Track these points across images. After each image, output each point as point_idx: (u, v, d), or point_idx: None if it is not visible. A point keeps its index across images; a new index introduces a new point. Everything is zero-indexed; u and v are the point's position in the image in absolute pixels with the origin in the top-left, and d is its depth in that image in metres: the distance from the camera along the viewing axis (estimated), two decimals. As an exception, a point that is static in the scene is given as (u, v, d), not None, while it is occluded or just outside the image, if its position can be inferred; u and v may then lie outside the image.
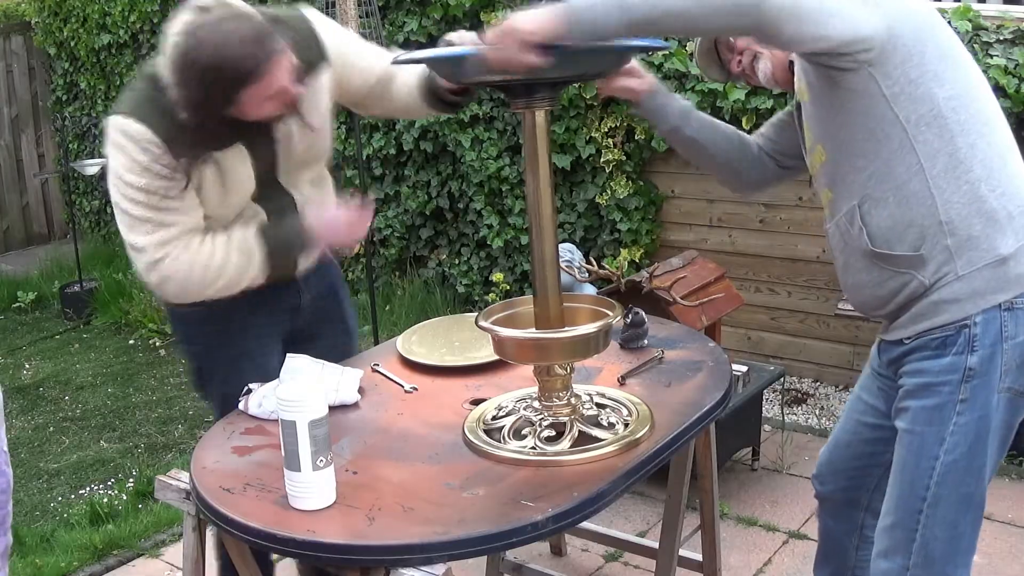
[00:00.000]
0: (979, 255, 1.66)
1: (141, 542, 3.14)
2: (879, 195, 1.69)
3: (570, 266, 3.23)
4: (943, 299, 1.68)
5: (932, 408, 1.71)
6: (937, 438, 1.71)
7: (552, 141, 2.09)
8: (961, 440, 1.69)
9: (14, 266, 6.72)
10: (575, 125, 4.32)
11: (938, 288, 1.68)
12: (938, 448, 1.70)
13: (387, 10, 4.76)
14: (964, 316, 1.67)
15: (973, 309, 1.66)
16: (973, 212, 1.65)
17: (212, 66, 1.79)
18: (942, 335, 1.69)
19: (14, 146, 7.20)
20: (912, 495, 1.74)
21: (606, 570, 2.87)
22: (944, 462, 1.70)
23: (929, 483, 1.72)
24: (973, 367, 1.67)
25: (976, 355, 1.67)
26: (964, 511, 1.74)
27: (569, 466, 1.65)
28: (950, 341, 1.68)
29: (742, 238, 4.12)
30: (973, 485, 1.73)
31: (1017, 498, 3.16)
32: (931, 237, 1.67)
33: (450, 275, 4.97)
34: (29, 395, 4.61)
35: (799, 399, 3.97)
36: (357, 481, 1.64)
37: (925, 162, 1.65)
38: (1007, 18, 3.45)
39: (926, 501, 1.72)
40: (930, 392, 1.71)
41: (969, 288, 1.66)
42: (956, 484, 1.72)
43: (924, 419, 1.72)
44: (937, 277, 1.68)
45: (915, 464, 1.74)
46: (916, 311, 1.72)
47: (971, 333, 1.67)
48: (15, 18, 7.17)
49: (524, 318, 1.80)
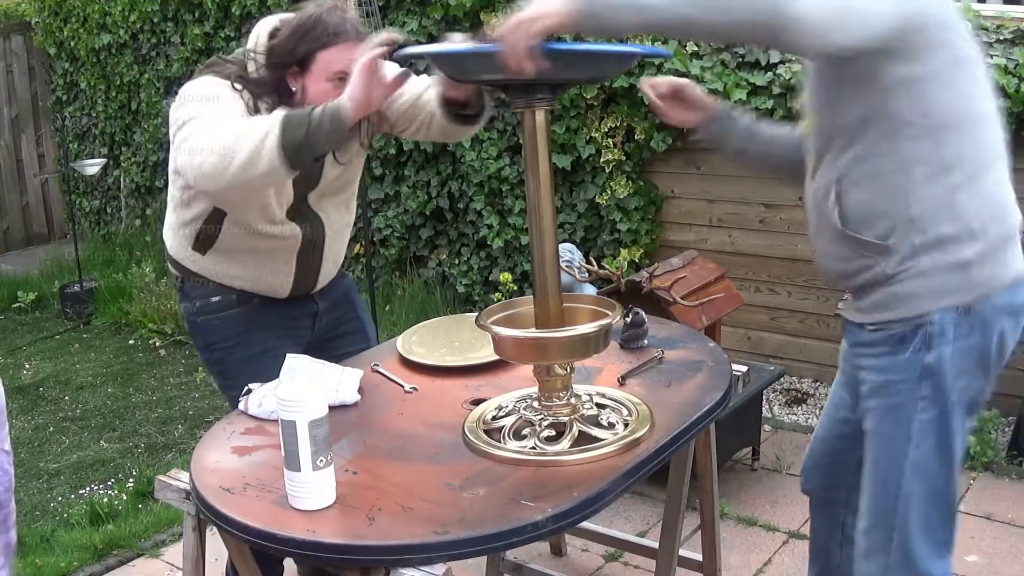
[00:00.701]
0: (943, 256, 1.67)
1: (141, 542, 3.14)
2: (857, 178, 1.70)
3: (570, 266, 3.23)
4: (904, 292, 1.69)
5: (895, 407, 1.73)
6: (904, 436, 1.72)
7: (552, 141, 2.09)
8: (927, 436, 1.71)
9: (14, 266, 6.72)
10: (575, 125, 4.32)
11: (899, 280, 1.69)
12: (906, 446, 1.72)
13: (387, 10, 4.76)
14: (921, 313, 1.68)
15: (931, 306, 1.67)
16: (946, 216, 1.66)
17: (307, 22, 2.03)
18: (900, 331, 1.70)
19: (14, 146, 7.20)
20: (885, 494, 1.76)
21: (606, 570, 2.87)
22: (913, 459, 1.72)
23: (900, 481, 1.73)
24: (930, 364, 1.69)
25: (933, 353, 1.68)
26: (936, 505, 1.75)
27: (569, 466, 1.65)
28: (907, 338, 1.69)
29: (742, 238, 4.12)
30: (943, 479, 1.74)
31: (1017, 498, 3.16)
32: (900, 230, 1.67)
33: (450, 275, 4.97)
34: (29, 395, 4.61)
35: (799, 399, 3.97)
36: (357, 481, 1.64)
37: (909, 160, 1.65)
38: (1007, 18, 3.45)
39: (899, 499, 1.74)
40: (890, 391, 1.73)
41: (928, 286, 1.67)
42: (926, 480, 1.73)
43: (889, 419, 1.74)
44: (899, 269, 1.68)
45: (886, 464, 1.75)
46: (876, 299, 1.73)
47: (927, 331, 1.68)
48: (15, 18, 7.17)
49: (524, 318, 1.80)
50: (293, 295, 2.30)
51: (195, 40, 5.82)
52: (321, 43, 2.02)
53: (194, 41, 5.83)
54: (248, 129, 1.86)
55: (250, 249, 2.21)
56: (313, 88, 2.05)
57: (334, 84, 2.02)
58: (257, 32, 2.12)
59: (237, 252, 2.21)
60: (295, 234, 2.21)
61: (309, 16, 2.04)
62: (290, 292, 2.29)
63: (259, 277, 2.25)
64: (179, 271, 2.30)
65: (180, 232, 2.24)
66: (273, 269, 2.25)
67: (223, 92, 2.04)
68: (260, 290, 2.27)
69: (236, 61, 2.12)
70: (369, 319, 2.55)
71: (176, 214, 2.23)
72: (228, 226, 2.17)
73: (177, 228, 2.25)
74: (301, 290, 2.31)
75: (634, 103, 4.12)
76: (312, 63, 2.04)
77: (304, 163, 1.85)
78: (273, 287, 2.27)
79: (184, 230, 2.23)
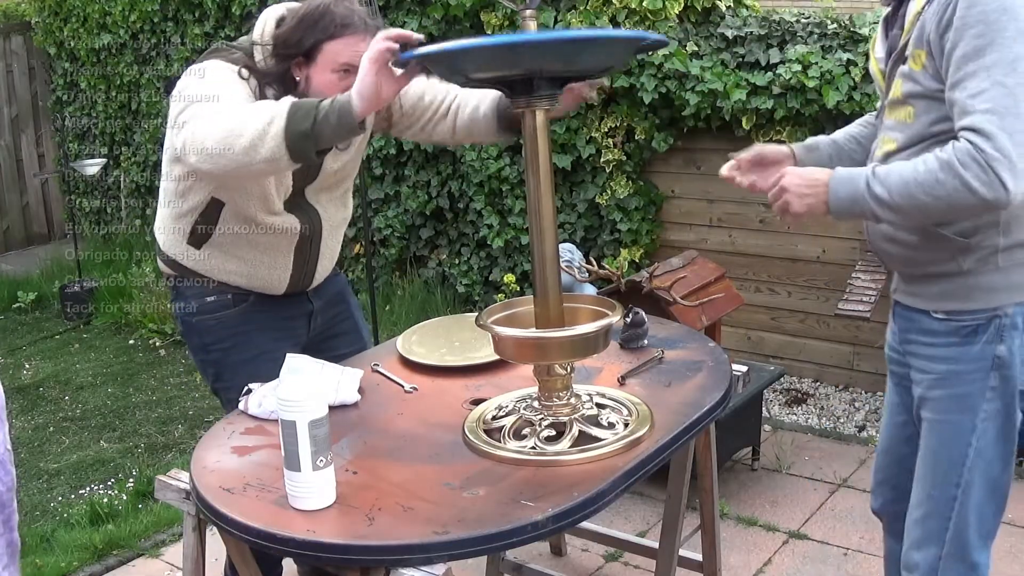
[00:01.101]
0: (1021, 254, 1.70)
1: (141, 542, 3.14)
2: None
3: (570, 266, 3.23)
4: (979, 285, 1.71)
5: (963, 396, 1.75)
6: (969, 425, 1.75)
7: (552, 141, 2.09)
8: (991, 426, 1.74)
9: (14, 266, 6.72)
10: (575, 125, 4.32)
11: (974, 274, 1.71)
12: (970, 435, 1.75)
13: (387, 10, 4.76)
14: (997, 305, 1.70)
15: (1007, 300, 1.70)
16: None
17: (315, 12, 2.03)
18: (973, 322, 1.72)
19: (14, 146, 7.20)
20: (946, 483, 1.78)
21: (606, 570, 2.87)
22: (976, 448, 1.75)
23: (962, 470, 1.76)
24: (1002, 356, 1.72)
25: (1004, 345, 1.71)
26: (992, 496, 1.78)
27: (569, 466, 1.65)
28: (981, 329, 1.72)
29: (742, 238, 4.12)
30: (1000, 470, 1.77)
31: (1017, 498, 3.16)
32: (984, 231, 1.69)
33: (450, 275, 4.97)
34: (29, 395, 4.60)
35: (799, 399, 3.97)
36: (357, 481, 1.64)
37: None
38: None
39: (960, 488, 1.76)
40: (959, 380, 1.75)
41: (1006, 281, 1.70)
42: (986, 470, 1.76)
43: (955, 407, 1.76)
44: (976, 265, 1.70)
45: (948, 452, 1.77)
46: (946, 287, 1.74)
47: (1001, 323, 1.71)
48: (15, 18, 7.17)
49: (524, 318, 1.80)
50: (289, 292, 2.29)
51: (195, 40, 5.82)
52: (328, 34, 2.02)
53: (194, 41, 5.83)
54: (254, 112, 1.84)
55: (247, 243, 2.19)
56: (318, 79, 2.04)
57: (339, 76, 2.02)
58: (263, 20, 2.12)
59: (234, 246, 2.20)
60: (293, 227, 2.19)
61: (317, 6, 2.03)
62: (286, 289, 2.27)
63: (256, 272, 2.23)
64: (173, 269, 2.27)
65: (175, 227, 2.21)
66: (270, 264, 2.23)
67: (229, 76, 2.04)
68: (256, 287, 2.25)
69: (242, 48, 2.12)
70: (363, 319, 2.54)
71: (170, 208, 2.20)
72: (225, 218, 2.15)
73: (172, 222, 2.22)
74: (297, 287, 2.30)
75: (634, 103, 4.12)
76: (318, 54, 2.03)
77: (307, 155, 1.82)
78: (269, 283, 2.25)
79: (179, 224, 2.20)
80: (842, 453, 3.51)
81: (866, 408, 3.85)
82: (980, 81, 1.55)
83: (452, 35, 4.66)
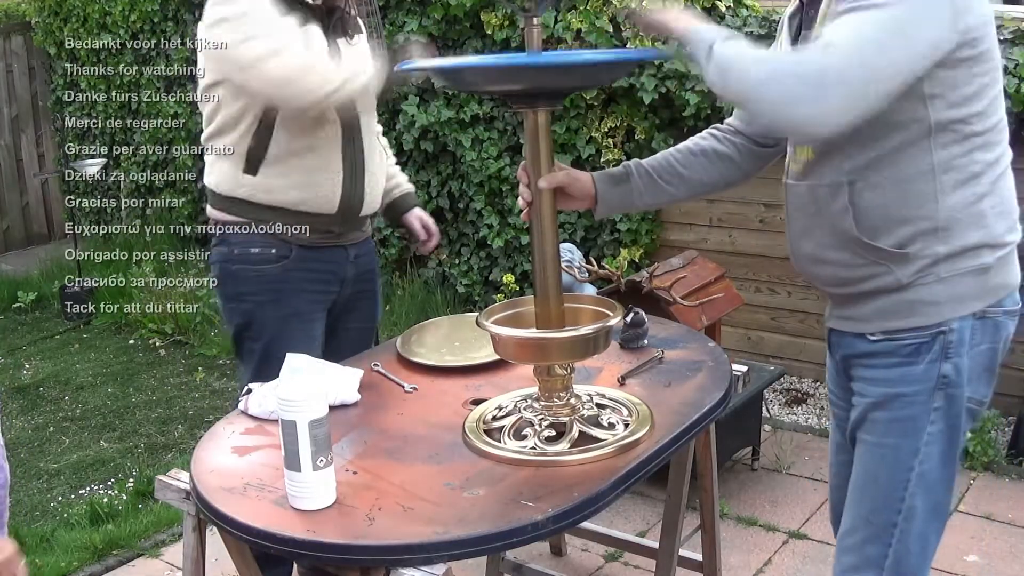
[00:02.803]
0: (965, 262, 1.59)
1: (141, 542, 3.14)
2: (877, 181, 1.59)
3: (570, 266, 3.23)
4: (920, 299, 1.60)
5: (904, 419, 1.64)
6: (911, 449, 1.64)
7: (552, 141, 2.09)
8: (934, 450, 1.64)
9: (14, 266, 6.71)
10: (575, 125, 4.32)
11: (914, 287, 1.60)
12: (913, 459, 1.64)
13: (387, 10, 4.76)
14: (941, 321, 1.59)
15: (951, 314, 1.59)
16: (972, 225, 1.59)
17: None
18: (915, 340, 1.61)
19: (14, 146, 7.20)
20: (886, 508, 1.67)
21: (606, 570, 2.87)
22: (918, 473, 1.64)
23: (904, 495, 1.65)
24: (947, 375, 1.61)
25: (950, 363, 1.60)
26: (934, 521, 1.69)
27: (569, 466, 1.65)
28: (924, 348, 1.60)
29: (742, 238, 4.12)
30: (943, 494, 1.68)
31: (1017, 498, 3.16)
32: (923, 239, 1.58)
33: (450, 275, 4.97)
34: (29, 395, 4.60)
35: (799, 399, 3.97)
36: (357, 481, 1.64)
37: (938, 167, 1.57)
38: (1007, 18, 3.45)
39: (900, 514, 1.66)
40: (902, 403, 1.64)
41: (950, 292, 1.59)
42: (928, 495, 1.66)
43: (897, 431, 1.65)
44: (916, 277, 1.59)
45: (888, 477, 1.67)
46: (884, 306, 1.63)
47: (946, 340, 1.60)
48: (15, 18, 7.17)
49: (525, 318, 1.80)
50: (343, 211, 2.31)
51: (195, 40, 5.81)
52: None
53: (194, 41, 5.82)
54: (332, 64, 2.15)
55: (300, 153, 2.23)
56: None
57: None
58: None
59: (288, 157, 2.24)
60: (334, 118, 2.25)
61: None
62: (339, 202, 2.30)
63: (312, 180, 2.26)
64: (227, 211, 2.30)
65: (228, 161, 2.26)
66: (324, 167, 2.26)
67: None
68: (311, 204, 2.27)
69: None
70: (381, 304, 2.61)
71: (221, 141, 2.26)
72: (277, 136, 2.22)
73: (224, 158, 2.27)
74: (350, 203, 2.32)
75: (634, 103, 4.12)
76: None
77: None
78: (325, 193, 2.28)
79: (233, 155, 2.25)
80: (842, 453, 3.51)
81: (866, 408, 3.85)
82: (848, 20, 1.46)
83: (452, 35, 4.66)
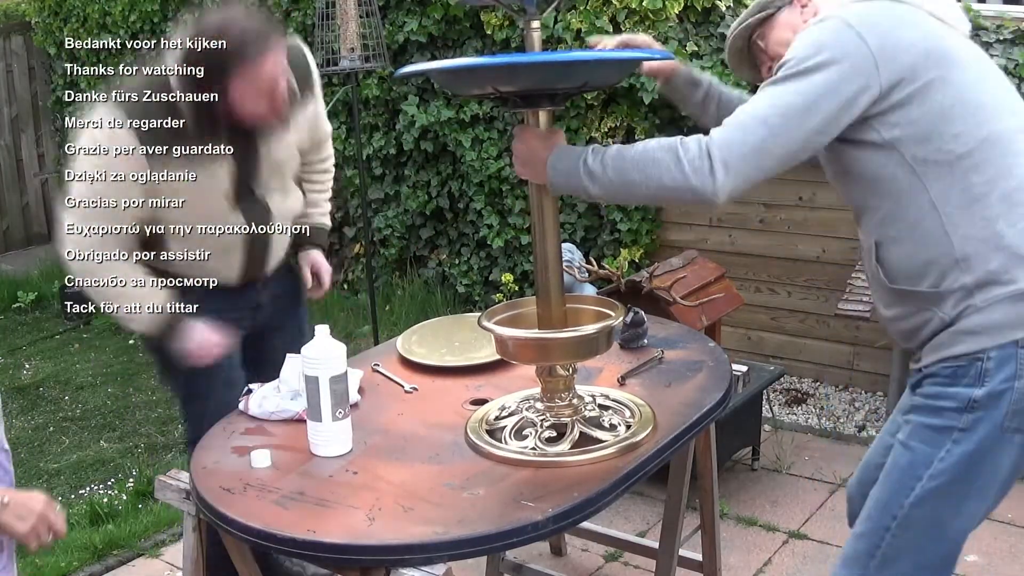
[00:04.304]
0: (998, 289, 1.59)
1: (141, 542, 3.14)
2: (894, 235, 1.65)
3: (570, 266, 3.23)
4: (962, 330, 1.62)
5: (931, 427, 1.65)
6: (926, 459, 1.65)
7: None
8: (948, 468, 1.63)
9: (14, 266, 6.71)
10: (575, 125, 4.32)
11: (958, 320, 1.62)
12: (924, 470, 1.64)
13: (387, 10, 4.76)
14: (979, 349, 1.60)
15: (989, 343, 1.60)
16: (991, 248, 1.59)
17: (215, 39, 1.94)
18: (954, 365, 1.63)
19: (14, 146, 7.20)
20: (885, 510, 1.68)
21: (606, 570, 2.87)
22: (925, 486, 1.64)
23: (904, 503, 1.66)
24: (978, 399, 1.61)
25: (984, 389, 1.60)
26: (933, 542, 1.67)
27: (570, 467, 1.65)
28: (961, 372, 1.62)
29: (742, 238, 4.12)
30: (948, 516, 1.65)
31: (1017, 498, 3.13)
32: (949, 274, 1.61)
33: (450, 275, 4.97)
34: (29, 395, 4.60)
35: (799, 399, 3.97)
36: (357, 481, 1.64)
37: (937, 201, 1.59)
38: (1007, 18, 3.45)
39: (896, 520, 1.67)
40: (933, 412, 1.66)
41: (987, 321, 1.60)
42: (931, 511, 1.65)
43: (921, 436, 1.67)
44: (957, 312, 1.62)
45: (898, 479, 1.68)
46: (936, 342, 1.66)
47: (983, 367, 1.60)
48: (15, 18, 7.16)
49: (526, 318, 1.80)
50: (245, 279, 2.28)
51: (195, 40, 5.81)
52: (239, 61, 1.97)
53: (194, 41, 5.82)
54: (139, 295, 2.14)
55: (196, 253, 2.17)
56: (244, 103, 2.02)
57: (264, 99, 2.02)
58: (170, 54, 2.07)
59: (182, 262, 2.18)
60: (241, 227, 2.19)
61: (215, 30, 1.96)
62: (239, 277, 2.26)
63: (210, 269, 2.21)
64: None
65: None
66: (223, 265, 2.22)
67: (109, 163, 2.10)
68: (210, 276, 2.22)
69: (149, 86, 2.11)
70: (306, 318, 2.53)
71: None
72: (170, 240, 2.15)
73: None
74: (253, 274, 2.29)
75: (634, 103, 4.12)
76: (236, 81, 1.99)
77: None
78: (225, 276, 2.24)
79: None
80: (842, 453, 3.51)
81: (866, 408, 3.85)
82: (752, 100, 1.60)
83: (452, 35, 4.66)
